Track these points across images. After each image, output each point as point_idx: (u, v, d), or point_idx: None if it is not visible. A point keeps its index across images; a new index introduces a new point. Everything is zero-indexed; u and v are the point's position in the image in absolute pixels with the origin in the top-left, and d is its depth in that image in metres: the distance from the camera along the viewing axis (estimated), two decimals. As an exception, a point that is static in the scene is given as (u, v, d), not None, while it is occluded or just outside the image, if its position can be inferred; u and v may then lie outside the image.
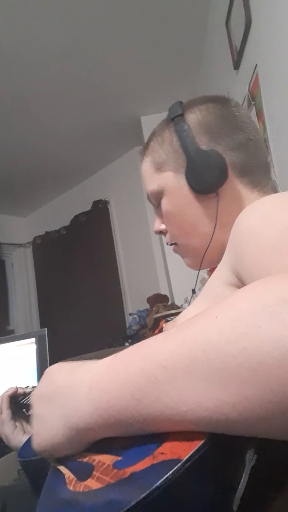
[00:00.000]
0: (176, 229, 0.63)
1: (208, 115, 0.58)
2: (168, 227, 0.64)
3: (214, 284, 0.49)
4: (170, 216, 0.62)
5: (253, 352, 0.22)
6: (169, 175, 0.60)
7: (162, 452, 0.26)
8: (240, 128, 0.58)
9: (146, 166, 0.64)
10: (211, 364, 0.24)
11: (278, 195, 0.47)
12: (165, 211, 0.62)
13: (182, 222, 0.61)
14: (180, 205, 0.60)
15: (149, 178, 0.63)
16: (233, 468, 0.25)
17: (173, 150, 0.59)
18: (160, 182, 0.61)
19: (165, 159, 0.60)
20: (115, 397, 0.29)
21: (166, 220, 0.63)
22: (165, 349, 0.27)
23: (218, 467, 0.25)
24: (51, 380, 0.37)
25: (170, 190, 0.60)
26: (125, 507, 0.22)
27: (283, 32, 1.14)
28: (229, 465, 0.25)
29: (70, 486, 0.30)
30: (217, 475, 0.25)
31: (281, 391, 0.21)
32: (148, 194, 0.64)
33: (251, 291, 0.26)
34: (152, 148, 0.63)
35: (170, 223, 0.63)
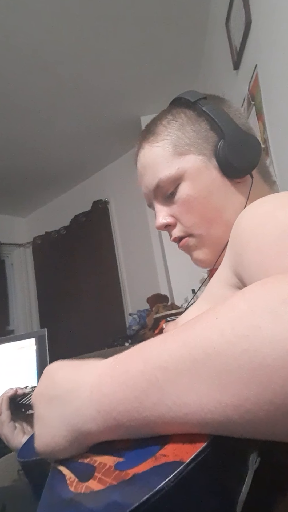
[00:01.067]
0: (198, 216, 0.57)
1: (221, 104, 0.58)
2: (185, 216, 0.58)
3: (215, 285, 0.48)
4: (193, 202, 0.56)
5: (254, 353, 0.22)
6: (193, 158, 0.56)
7: (164, 454, 0.26)
8: (246, 124, 0.59)
9: (156, 151, 0.58)
10: (212, 366, 0.24)
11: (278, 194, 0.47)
12: (186, 197, 0.57)
13: (207, 208, 0.56)
14: (206, 189, 0.56)
15: (163, 163, 0.57)
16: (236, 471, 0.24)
17: (196, 133, 0.56)
18: (181, 165, 0.56)
19: (187, 142, 0.56)
20: (117, 400, 0.28)
21: (185, 207, 0.57)
22: (166, 351, 0.27)
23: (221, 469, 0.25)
24: (52, 380, 0.36)
25: (195, 173, 0.56)
26: (127, 509, 0.22)
27: (283, 32, 1.14)
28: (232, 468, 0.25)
29: (71, 487, 0.30)
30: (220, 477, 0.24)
31: (282, 393, 0.21)
32: (159, 181, 0.58)
33: (251, 292, 0.26)
34: (164, 132, 0.58)
35: (190, 210, 0.57)
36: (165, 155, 0.57)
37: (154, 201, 0.62)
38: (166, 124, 0.59)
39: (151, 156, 0.59)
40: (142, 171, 0.61)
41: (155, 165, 0.58)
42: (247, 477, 0.24)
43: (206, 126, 0.56)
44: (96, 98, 2.49)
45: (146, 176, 0.61)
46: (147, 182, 0.61)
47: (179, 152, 0.57)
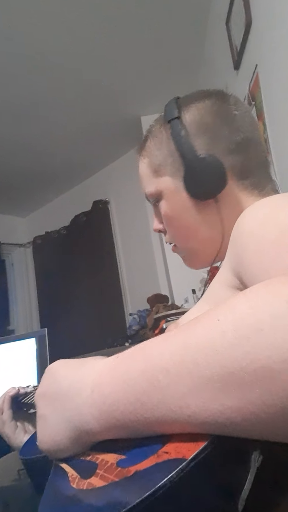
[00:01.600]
0: (174, 232, 0.62)
1: (206, 115, 0.56)
2: (167, 229, 0.63)
3: (216, 286, 0.48)
4: (170, 220, 0.61)
5: (256, 356, 0.22)
6: (167, 180, 0.59)
7: (167, 451, 0.26)
8: (239, 128, 0.56)
9: (143, 167, 0.63)
10: (214, 368, 0.23)
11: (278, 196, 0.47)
12: (164, 214, 0.61)
13: (180, 226, 0.60)
14: (178, 210, 0.59)
15: (147, 180, 0.62)
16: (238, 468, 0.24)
17: (170, 154, 0.58)
18: (158, 185, 0.60)
19: (162, 162, 0.59)
20: (118, 400, 0.28)
21: (165, 222, 0.62)
22: (167, 352, 0.27)
23: (223, 467, 0.25)
24: (54, 378, 0.36)
25: (169, 194, 0.59)
26: (128, 505, 0.22)
27: (283, 32, 1.14)
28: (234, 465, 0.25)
29: (73, 484, 0.30)
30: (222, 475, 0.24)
31: (285, 395, 0.21)
32: (145, 194, 0.63)
33: (253, 294, 0.26)
34: (149, 149, 0.61)
35: (169, 225, 0.62)
36: (147, 173, 0.62)
37: (150, 204, 0.65)
38: (151, 139, 0.62)
39: (140, 170, 0.64)
40: (139, 179, 0.65)
41: (142, 179, 0.63)
42: (249, 474, 0.24)
43: (173, 148, 0.57)
44: (96, 98, 2.49)
45: (141, 185, 0.65)
46: (142, 189, 0.65)
47: (156, 173, 0.60)
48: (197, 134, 0.56)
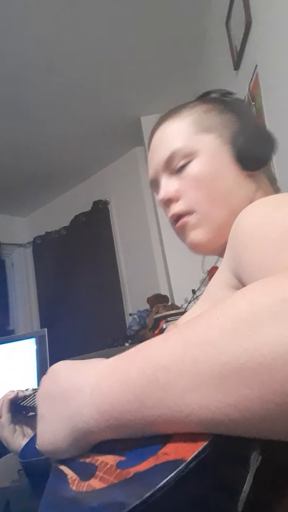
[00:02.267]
0: (204, 194, 0.57)
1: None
2: (191, 192, 0.57)
3: (215, 286, 0.49)
4: (203, 180, 0.57)
5: (255, 353, 0.22)
6: (212, 138, 0.57)
7: (166, 452, 0.26)
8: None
9: (178, 125, 0.59)
10: (213, 365, 0.24)
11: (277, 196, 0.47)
12: (196, 173, 0.57)
13: (214, 189, 0.56)
14: (218, 170, 0.57)
15: (182, 136, 0.58)
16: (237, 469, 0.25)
17: (221, 120, 0.58)
18: (199, 142, 0.57)
19: (210, 123, 0.58)
20: (118, 400, 0.28)
21: (193, 183, 0.57)
22: (167, 351, 0.27)
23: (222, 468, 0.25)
24: (55, 379, 0.37)
25: (210, 152, 0.57)
26: (128, 506, 0.22)
27: (283, 32, 1.14)
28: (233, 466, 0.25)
29: (73, 485, 0.30)
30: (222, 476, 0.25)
31: (283, 392, 0.21)
32: (174, 151, 0.58)
33: (251, 292, 0.26)
34: (188, 112, 0.60)
35: (198, 187, 0.57)
36: (185, 130, 0.58)
37: (161, 175, 0.61)
38: (192, 106, 0.61)
39: (171, 129, 0.60)
40: (157, 144, 0.62)
41: (173, 137, 0.59)
42: (248, 475, 0.24)
43: (230, 117, 0.58)
44: (96, 98, 2.49)
45: (159, 149, 0.61)
46: (160, 155, 0.60)
47: (200, 129, 0.58)
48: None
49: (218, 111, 0.59)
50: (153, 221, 2.96)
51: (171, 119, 0.61)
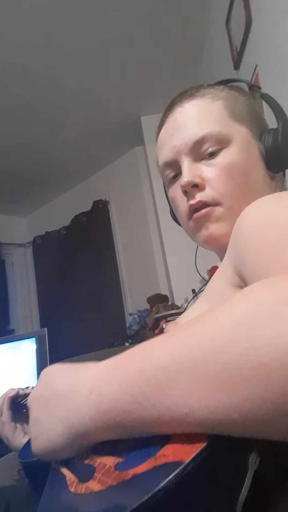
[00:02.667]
0: (236, 186, 0.53)
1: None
2: (223, 182, 0.53)
3: (217, 284, 0.48)
4: (236, 170, 0.53)
5: (255, 353, 0.22)
6: (246, 131, 0.54)
7: (164, 454, 0.26)
8: None
9: (212, 107, 0.54)
10: (212, 365, 0.24)
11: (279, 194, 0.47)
12: (230, 162, 0.53)
13: (247, 182, 0.53)
14: (251, 163, 0.54)
15: (218, 120, 0.54)
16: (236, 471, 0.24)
17: (250, 111, 0.56)
18: (234, 130, 0.53)
19: (243, 113, 0.55)
20: (116, 400, 0.28)
21: (226, 173, 0.53)
22: (166, 351, 0.27)
23: (221, 470, 0.25)
24: (49, 382, 0.36)
25: (245, 143, 0.54)
26: (126, 509, 0.22)
27: (283, 32, 1.14)
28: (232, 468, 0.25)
29: (71, 487, 0.30)
30: (220, 478, 0.24)
31: (282, 392, 0.21)
32: (207, 133, 0.53)
33: (252, 292, 0.26)
34: (219, 94, 0.55)
35: (231, 178, 0.53)
36: (219, 113, 0.54)
37: (184, 157, 0.55)
38: (221, 89, 0.56)
39: (205, 109, 0.54)
40: (184, 121, 0.55)
41: (207, 118, 0.54)
42: (247, 477, 0.24)
43: (258, 110, 0.57)
44: (96, 98, 2.49)
45: (188, 127, 0.55)
46: (187, 133, 0.54)
47: (235, 117, 0.54)
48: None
49: (247, 101, 0.57)
50: (153, 221, 2.96)
51: (200, 97, 0.55)
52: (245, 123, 0.55)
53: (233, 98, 0.56)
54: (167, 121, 0.58)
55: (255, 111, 0.57)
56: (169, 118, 0.58)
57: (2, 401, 0.69)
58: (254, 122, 0.56)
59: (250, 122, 0.55)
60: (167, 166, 0.59)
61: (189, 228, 0.59)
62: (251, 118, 0.56)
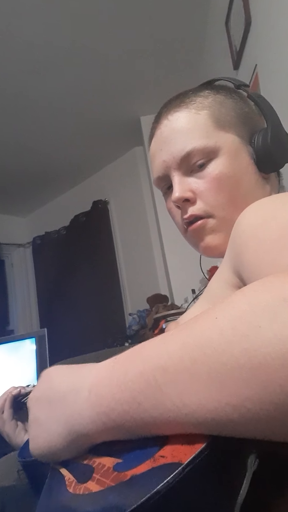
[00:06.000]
0: (226, 197, 0.53)
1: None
2: (213, 194, 0.53)
3: (216, 285, 0.48)
4: (225, 181, 0.53)
5: (254, 353, 0.22)
6: (233, 138, 0.54)
7: (163, 455, 0.26)
8: None
9: (196, 118, 0.54)
10: (212, 365, 0.24)
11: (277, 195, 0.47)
12: (219, 173, 0.53)
13: (237, 191, 0.53)
14: (240, 171, 0.53)
15: (202, 132, 0.53)
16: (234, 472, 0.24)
17: (238, 114, 0.55)
18: (220, 140, 0.53)
19: (229, 119, 0.54)
20: (115, 401, 0.28)
21: (215, 185, 0.53)
22: (165, 351, 0.27)
23: (219, 471, 0.25)
24: (49, 383, 0.36)
25: (232, 152, 0.53)
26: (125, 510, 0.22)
27: (283, 32, 1.13)
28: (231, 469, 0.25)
29: (70, 488, 0.30)
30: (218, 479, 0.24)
31: (282, 392, 0.21)
32: (193, 149, 0.53)
33: (251, 292, 0.26)
34: (204, 102, 0.55)
35: (220, 189, 0.53)
36: (204, 125, 0.53)
37: (174, 172, 0.56)
38: (207, 96, 0.56)
39: (189, 121, 0.54)
40: (169, 136, 0.55)
41: (192, 131, 0.54)
42: (246, 478, 0.24)
43: (248, 111, 0.55)
44: (96, 98, 2.49)
45: (174, 141, 0.55)
46: (174, 148, 0.55)
47: (219, 125, 0.53)
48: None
49: (234, 104, 0.55)
50: (153, 221, 2.96)
51: (185, 109, 0.55)
52: (232, 129, 0.54)
53: (219, 105, 0.55)
54: (155, 134, 0.59)
55: (243, 113, 0.55)
56: (157, 130, 0.58)
57: (4, 399, 0.69)
58: (243, 125, 0.55)
59: (238, 127, 0.54)
60: (160, 180, 0.60)
61: (187, 239, 0.60)
62: (239, 121, 0.55)
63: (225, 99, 0.56)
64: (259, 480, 0.25)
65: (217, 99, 0.55)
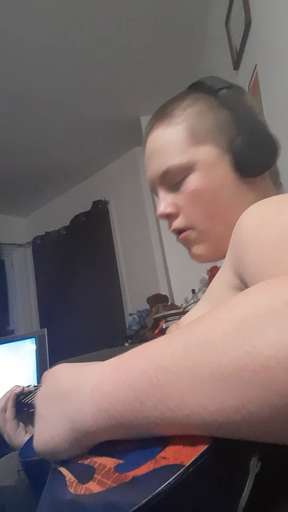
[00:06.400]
0: (202, 210, 0.55)
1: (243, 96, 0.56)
2: (189, 208, 0.55)
3: (217, 287, 0.48)
4: (200, 195, 0.54)
5: (257, 355, 0.22)
6: (208, 149, 0.53)
7: (164, 456, 0.25)
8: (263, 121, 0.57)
9: (171, 135, 0.55)
10: (214, 367, 0.24)
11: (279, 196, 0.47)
12: (194, 189, 0.54)
13: (213, 203, 0.54)
14: (216, 184, 0.53)
15: (176, 150, 0.54)
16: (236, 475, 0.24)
17: (216, 122, 0.54)
18: (195, 155, 0.53)
19: (206, 130, 0.54)
20: (118, 400, 0.28)
21: (191, 199, 0.55)
22: (168, 352, 0.27)
23: (222, 473, 0.24)
24: (55, 381, 0.37)
25: (207, 165, 0.53)
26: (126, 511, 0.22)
27: (283, 32, 1.13)
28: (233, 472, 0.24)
29: (71, 488, 0.30)
30: (220, 481, 0.24)
31: (285, 395, 0.21)
32: (169, 168, 0.55)
33: (254, 293, 0.26)
34: (180, 116, 0.55)
35: (196, 203, 0.55)
36: (179, 141, 0.54)
37: (158, 187, 0.58)
38: (184, 107, 0.56)
39: (164, 139, 0.56)
40: (150, 155, 0.58)
41: (167, 150, 0.55)
42: (248, 481, 0.24)
43: (226, 117, 0.54)
44: (96, 98, 2.49)
45: (153, 161, 0.57)
46: (154, 167, 0.57)
47: (195, 140, 0.54)
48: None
49: (212, 111, 0.54)
50: (153, 221, 2.96)
51: (162, 124, 0.57)
52: (209, 140, 0.54)
53: (196, 116, 0.55)
54: (145, 149, 0.61)
55: (221, 119, 0.54)
56: (145, 146, 0.61)
57: (7, 398, 0.70)
58: (221, 132, 0.54)
59: (215, 136, 0.54)
60: (152, 191, 0.63)
61: None
62: (217, 130, 0.54)
63: (203, 108, 0.55)
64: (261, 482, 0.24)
65: (195, 109, 0.55)
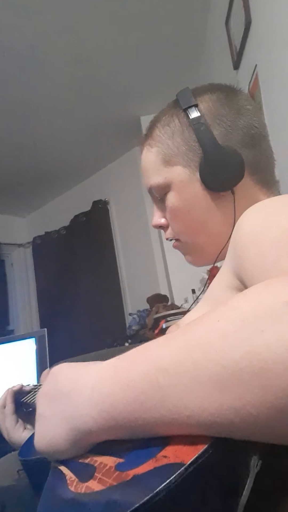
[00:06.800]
0: (182, 226, 0.60)
1: (220, 106, 0.56)
2: (172, 223, 0.61)
3: (217, 287, 0.48)
4: (177, 213, 0.59)
5: (256, 356, 0.22)
6: (179, 170, 0.57)
7: (165, 455, 0.26)
8: (253, 122, 0.57)
9: (150, 157, 0.60)
10: (213, 368, 0.24)
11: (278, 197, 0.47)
12: (172, 206, 0.58)
13: (190, 219, 0.58)
14: (189, 201, 0.57)
15: (154, 170, 0.59)
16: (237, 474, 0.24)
17: (184, 143, 0.56)
18: (168, 175, 0.57)
19: (176, 152, 0.57)
20: (117, 400, 0.28)
21: (171, 215, 0.60)
22: (168, 353, 0.27)
23: (222, 472, 0.24)
24: (57, 380, 0.37)
25: (179, 185, 0.57)
26: (126, 510, 0.22)
27: (283, 32, 1.13)
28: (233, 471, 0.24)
29: (71, 487, 0.30)
30: (221, 480, 0.24)
31: (284, 396, 0.21)
32: (150, 186, 0.60)
33: (253, 294, 0.26)
34: (158, 138, 0.59)
35: (175, 220, 0.60)
36: (156, 163, 0.59)
37: (152, 199, 0.64)
38: (161, 128, 0.59)
39: (146, 160, 0.61)
40: (142, 171, 0.63)
41: (148, 170, 0.61)
42: (248, 480, 0.24)
43: (192, 135, 0.55)
44: (96, 98, 2.49)
45: (143, 178, 0.63)
46: (144, 183, 0.63)
47: (168, 162, 0.58)
48: (213, 125, 0.55)
49: (181, 132, 0.56)
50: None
51: (146, 145, 0.61)
52: (180, 161, 0.56)
53: (168, 138, 0.57)
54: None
55: (191, 139, 0.55)
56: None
57: (6, 394, 0.70)
58: (192, 152, 0.55)
59: (184, 156, 0.56)
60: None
61: None
62: (187, 150, 0.56)
63: (175, 130, 0.57)
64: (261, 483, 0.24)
65: (168, 131, 0.58)
